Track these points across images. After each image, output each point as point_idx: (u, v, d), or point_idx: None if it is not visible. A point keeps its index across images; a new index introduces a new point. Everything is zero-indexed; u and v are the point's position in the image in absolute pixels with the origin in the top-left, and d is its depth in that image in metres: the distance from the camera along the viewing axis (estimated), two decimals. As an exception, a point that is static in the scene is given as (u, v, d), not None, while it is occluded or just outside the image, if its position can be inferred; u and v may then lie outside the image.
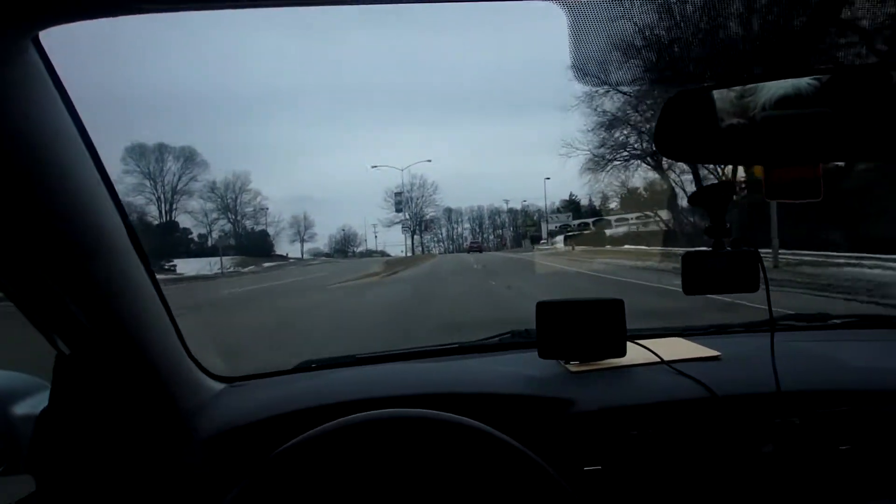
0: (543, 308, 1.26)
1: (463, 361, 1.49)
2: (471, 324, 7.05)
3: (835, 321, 1.67)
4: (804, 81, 0.81)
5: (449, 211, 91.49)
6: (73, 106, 0.79)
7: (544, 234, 63.12)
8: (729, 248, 1.10)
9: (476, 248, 72.62)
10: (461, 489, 0.98)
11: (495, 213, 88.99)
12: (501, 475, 0.93)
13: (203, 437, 1.13)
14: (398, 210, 63.97)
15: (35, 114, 0.73)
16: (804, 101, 0.80)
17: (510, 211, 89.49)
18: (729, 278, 1.10)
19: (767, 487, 1.10)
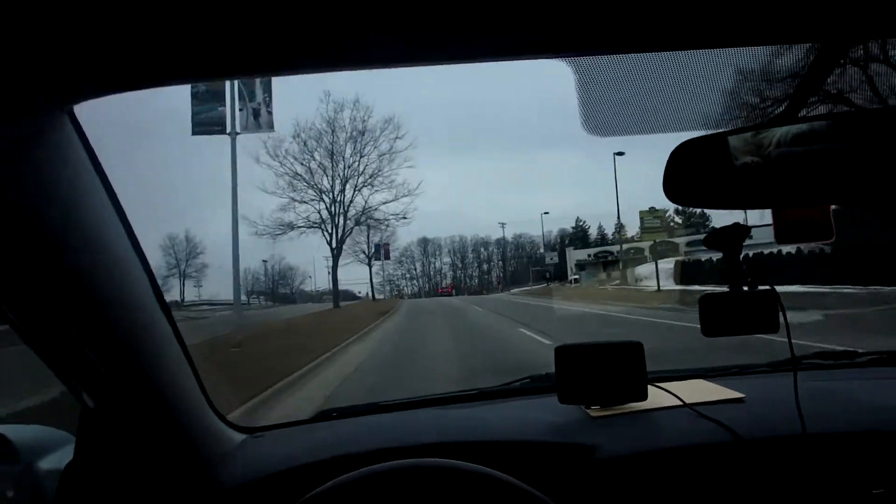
0: (563, 352, 1.26)
1: (483, 408, 1.48)
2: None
3: (861, 359, 1.63)
4: (810, 124, 0.82)
5: (425, 242, 71.97)
6: (106, 177, 0.83)
7: (570, 267, 48.88)
8: (746, 289, 1.10)
9: (446, 291, 58.11)
10: None
11: (481, 244, 74.27)
12: None
13: (227, 488, 1.13)
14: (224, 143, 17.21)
15: (70, 184, 0.77)
16: (809, 142, 0.82)
17: (498, 243, 72.60)
18: (748, 319, 1.09)
19: None
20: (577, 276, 46.40)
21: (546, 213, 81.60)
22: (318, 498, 0.90)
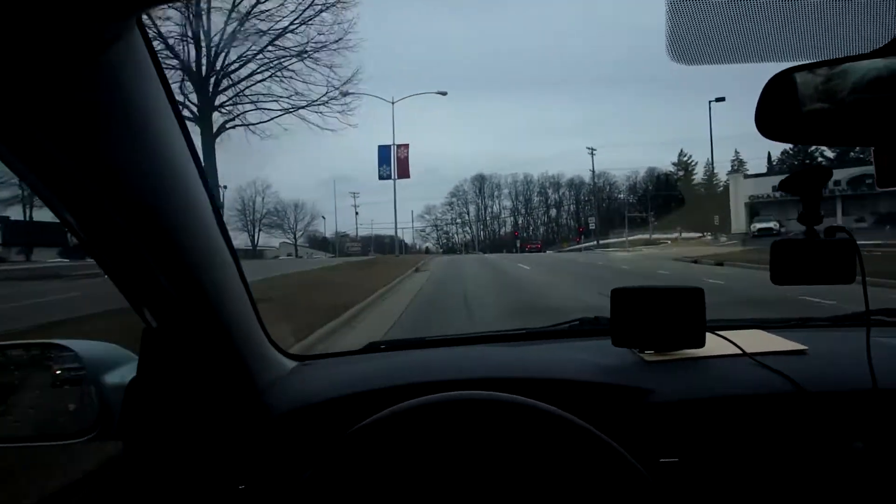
0: (619, 294, 1.22)
1: (532, 347, 1.47)
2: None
3: None
4: None
5: (481, 179, 62.73)
6: (170, 88, 0.81)
7: (737, 209, 29.47)
8: (822, 237, 1.04)
9: (534, 246, 52.90)
10: (536, 474, 0.97)
11: (550, 184, 62.89)
12: (579, 461, 0.92)
13: (278, 413, 1.16)
14: None
15: (137, 96, 0.76)
16: None
17: (571, 184, 59.98)
18: (822, 268, 1.04)
19: (856, 488, 1.05)
20: (770, 225, 25.89)
21: (721, 98, 40.00)
22: (370, 427, 0.91)
